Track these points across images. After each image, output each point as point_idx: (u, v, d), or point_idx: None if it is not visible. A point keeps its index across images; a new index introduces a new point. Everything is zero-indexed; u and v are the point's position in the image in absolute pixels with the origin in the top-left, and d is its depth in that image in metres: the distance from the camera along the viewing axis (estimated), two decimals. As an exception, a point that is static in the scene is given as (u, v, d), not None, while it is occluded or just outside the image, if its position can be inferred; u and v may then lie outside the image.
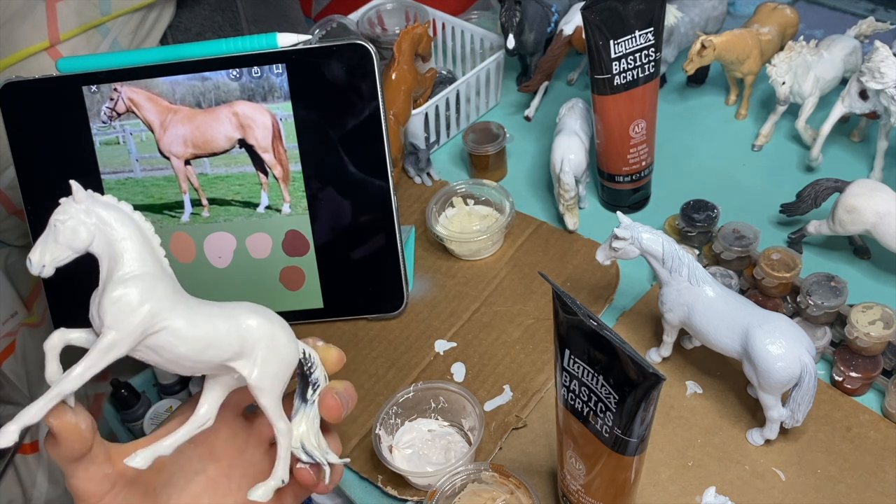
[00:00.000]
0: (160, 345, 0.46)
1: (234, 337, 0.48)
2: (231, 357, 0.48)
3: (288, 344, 0.51)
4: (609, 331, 0.51)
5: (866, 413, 0.70)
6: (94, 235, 0.46)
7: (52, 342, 0.46)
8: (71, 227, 0.45)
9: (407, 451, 0.71)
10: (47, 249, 0.46)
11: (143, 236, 0.47)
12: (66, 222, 0.45)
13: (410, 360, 0.80)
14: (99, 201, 0.46)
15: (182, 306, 0.47)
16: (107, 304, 0.45)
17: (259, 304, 0.51)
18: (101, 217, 0.46)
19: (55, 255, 0.46)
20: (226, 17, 1.06)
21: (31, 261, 0.46)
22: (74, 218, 0.45)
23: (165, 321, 0.46)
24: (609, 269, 0.84)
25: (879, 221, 0.75)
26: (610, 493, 0.59)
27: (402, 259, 0.81)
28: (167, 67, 0.77)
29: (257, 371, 0.49)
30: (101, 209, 0.46)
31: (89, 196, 0.46)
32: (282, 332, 0.51)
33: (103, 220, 0.46)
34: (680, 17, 0.98)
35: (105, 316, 0.45)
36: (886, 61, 0.80)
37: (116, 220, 0.46)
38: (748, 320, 0.66)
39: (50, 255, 0.46)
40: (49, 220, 0.46)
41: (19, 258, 0.92)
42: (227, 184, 0.80)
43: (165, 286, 0.46)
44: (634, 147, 0.86)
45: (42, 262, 0.46)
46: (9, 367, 0.92)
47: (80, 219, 0.45)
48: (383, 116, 0.77)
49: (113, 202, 0.47)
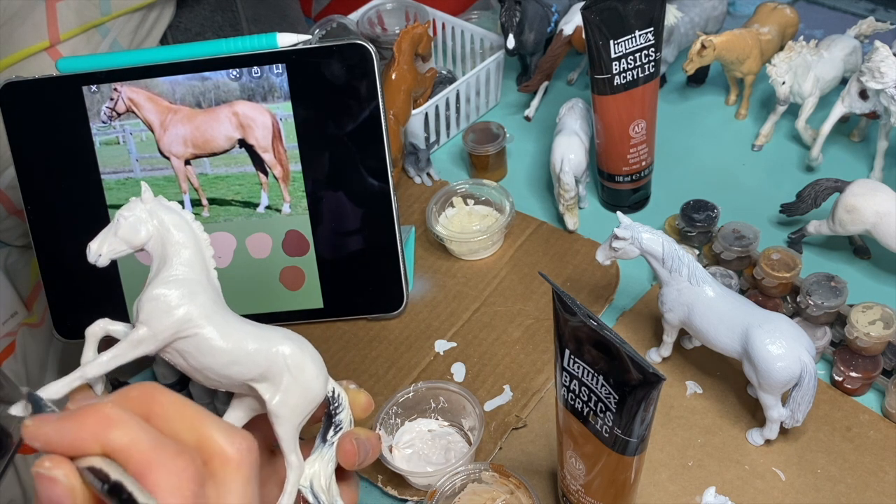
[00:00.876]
0: (188, 350, 0.46)
1: (263, 357, 0.48)
2: (255, 378, 0.48)
3: (316, 378, 0.50)
4: (609, 331, 0.51)
5: (866, 413, 0.70)
6: (151, 235, 0.48)
7: (93, 329, 0.48)
8: (132, 224, 0.48)
9: (407, 451, 0.71)
10: (106, 240, 0.48)
11: (198, 245, 0.49)
12: (128, 218, 0.48)
13: (410, 360, 0.80)
14: (163, 205, 0.49)
15: (219, 318, 0.47)
16: (145, 300, 0.46)
17: (296, 334, 0.50)
18: (162, 219, 0.48)
19: (112, 247, 0.48)
20: (226, 17, 1.06)
21: (91, 249, 0.48)
22: (137, 216, 0.48)
23: (198, 328, 0.46)
24: (609, 269, 0.84)
25: (879, 221, 0.75)
26: (610, 493, 0.59)
27: (402, 259, 0.81)
28: (167, 67, 0.77)
29: (279, 398, 0.48)
30: (163, 212, 0.48)
31: (155, 199, 0.49)
32: (312, 365, 0.50)
33: (163, 222, 0.48)
34: (680, 16, 0.98)
35: (141, 311, 0.46)
36: (886, 61, 0.80)
37: (175, 226, 0.48)
38: (748, 320, 0.66)
39: (108, 247, 0.48)
40: (115, 214, 0.48)
41: (19, 258, 0.92)
42: (227, 184, 0.80)
43: (207, 295, 0.47)
44: (634, 147, 0.86)
45: (99, 252, 0.48)
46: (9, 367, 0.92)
47: (143, 217, 0.48)
48: (383, 116, 0.77)
49: (177, 208, 0.49)
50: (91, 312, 0.50)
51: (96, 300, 0.82)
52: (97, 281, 0.82)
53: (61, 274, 0.81)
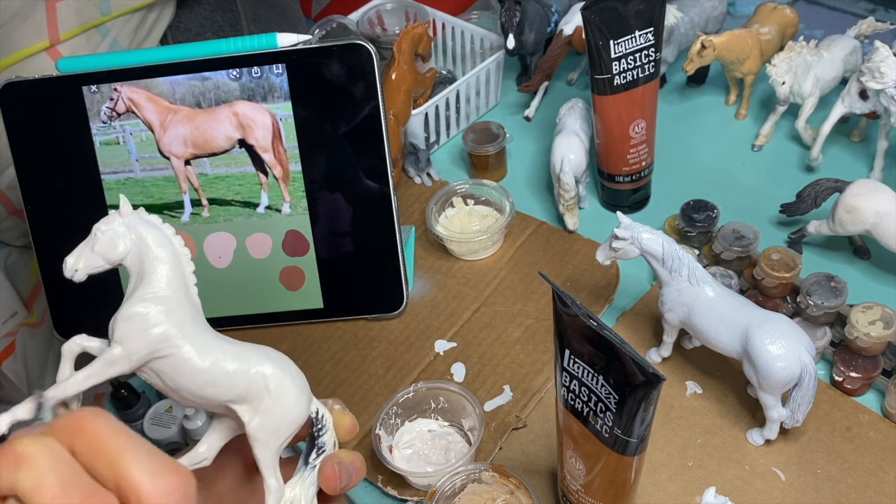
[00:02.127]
0: (164, 370, 0.45)
1: (242, 378, 0.47)
2: (234, 399, 0.47)
3: (297, 399, 0.48)
4: (609, 331, 0.51)
5: (866, 413, 0.70)
6: (129, 250, 0.46)
7: (69, 346, 0.47)
8: (109, 238, 0.46)
9: (407, 451, 0.71)
10: (83, 255, 0.47)
11: (178, 261, 0.47)
12: (106, 233, 0.46)
13: (410, 360, 0.80)
14: (143, 219, 0.47)
15: (197, 336, 0.46)
16: (120, 319, 0.45)
17: (278, 352, 0.49)
18: (141, 234, 0.47)
19: (89, 263, 0.47)
20: (226, 17, 1.06)
21: (67, 263, 0.47)
22: (115, 230, 0.46)
23: (174, 347, 0.45)
24: (609, 269, 0.84)
25: (879, 221, 0.75)
26: (610, 493, 0.59)
27: (402, 259, 0.81)
28: (167, 67, 0.77)
29: (258, 420, 0.47)
30: (142, 227, 0.47)
31: (134, 212, 0.47)
32: (293, 386, 0.48)
33: (142, 237, 0.47)
34: (680, 17, 0.98)
35: (116, 330, 0.45)
36: (886, 61, 0.80)
37: (154, 241, 0.47)
38: (748, 320, 0.66)
39: (84, 262, 0.47)
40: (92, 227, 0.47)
41: (19, 258, 0.92)
42: (227, 184, 0.80)
43: (185, 313, 0.46)
44: (634, 147, 0.86)
45: (75, 267, 0.47)
46: (8, 367, 0.92)
47: (120, 232, 0.46)
48: (383, 116, 0.77)
49: (156, 222, 0.47)
50: (91, 312, 0.50)
51: (96, 300, 0.81)
52: (97, 281, 0.81)
53: (61, 274, 0.81)
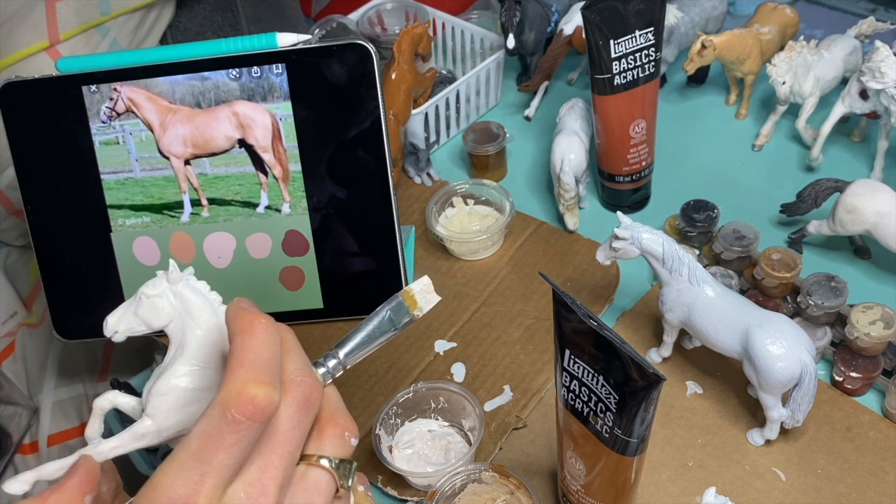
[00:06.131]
0: None
1: None
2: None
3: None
4: (609, 331, 0.51)
5: (866, 413, 0.70)
6: (172, 318, 0.45)
7: (101, 402, 0.46)
8: (154, 304, 0.45)
9: (407, 452, 0.71)
10: (125, 318, 0.46)
11: (219, 328, 0.46)
12: (151, 297, 0.45)
13: (410, 360, 0.80)
14: (190, 286, 0.46)
15: None
16: (155, 394, 0.45)
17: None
18: (187, 304, 0.45)
19: (130, 326, 0.46)
20: (226, 17, 1.06)
21: (108, 323, 0.46)
22: (161, 297, 0.45)
23: None
24: (609, 269, 0.84)
25: (880, 221, 0.75)
26: (610, 494, 0.59)
27: (402, 259, 0.81)
28: (167, 67, 0.77)
29: None
30: (190, 294, 0.45)
31: (183, 278, 0.46)
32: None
33: (188, 307, 0.45)
34: (680, 16, 0.98)
35: (149, 403, 0.45)
36: (887, 61, 0.80)
37: (200, 310, 0.45)
38: (748, 320, 0.66)
39: (125, 325, 0.46)
40: (137, 290, 0.45)
41: (19, 258, 0.92)
42: (227, 184, 0.80)
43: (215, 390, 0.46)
44: (634, 147, 0.86)
45: (115, 328, 0.46)
46: (8, 367, 0.92)
47: (168, 299, 0.45)
48: (383, 116, 0.77)
49: (204, 290, 0.46)
50: (91, 312, 0.50)
51: (96, 300, 0.82)
52: (97, 281, 0.82)
53: (61, 274, 0.81)
